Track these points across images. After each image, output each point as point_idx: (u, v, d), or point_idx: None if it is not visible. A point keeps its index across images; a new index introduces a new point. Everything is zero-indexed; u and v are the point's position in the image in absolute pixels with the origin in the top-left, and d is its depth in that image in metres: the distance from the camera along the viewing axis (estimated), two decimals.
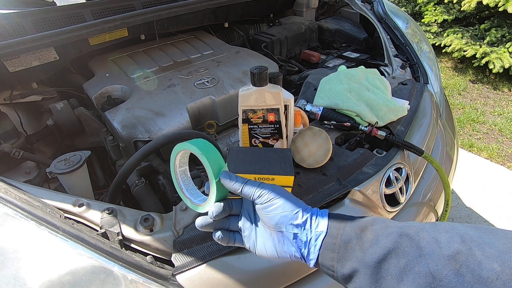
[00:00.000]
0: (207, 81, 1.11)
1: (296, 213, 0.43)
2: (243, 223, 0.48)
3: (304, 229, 0.43)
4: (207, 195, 0.48)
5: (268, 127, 0.72)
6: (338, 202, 0.76)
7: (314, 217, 0.43)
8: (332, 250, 0.41)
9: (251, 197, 0.44)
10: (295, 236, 0.43)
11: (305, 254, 0.43)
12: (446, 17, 3.61)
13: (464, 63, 3.56)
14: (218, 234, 0.48)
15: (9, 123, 1.00)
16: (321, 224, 0.43)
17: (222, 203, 0.46)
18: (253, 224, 0.48)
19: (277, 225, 0.43)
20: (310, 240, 0.42)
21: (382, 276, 0.37)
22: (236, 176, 0.45)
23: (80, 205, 0.64)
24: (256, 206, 0.45)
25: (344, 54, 1.61)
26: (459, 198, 2.00)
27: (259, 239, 0.46)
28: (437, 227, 0.38)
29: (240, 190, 0.44)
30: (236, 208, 0.49)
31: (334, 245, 0.41)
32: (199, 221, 0.48)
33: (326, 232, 0.42)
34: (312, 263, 0.42)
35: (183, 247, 0.61)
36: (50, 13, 1.08)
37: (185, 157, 0.51)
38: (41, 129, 1.12)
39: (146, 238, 0.62)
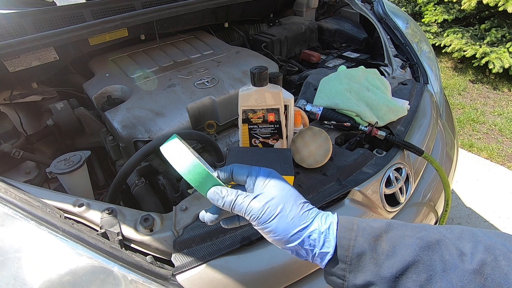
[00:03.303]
0: (207, 81, 1.11)
1: (291, 236, 0.39)
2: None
3: (303, 248, 0.40)
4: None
5: (268, 127, 0.72)
6: (338, 202, 0.76)
7: (317, 235, 0.39)
8: (344, 261, 0.38)
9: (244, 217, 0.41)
10: (294, 252, 0.41)
11: (311, 262, 0.41)
12: (446, 17, 3.61)
13: (464, 63, 3.56)
14: (222, 223, 0.47)
15: (9, 123, 1.00)
16: (327, 243, 0.39)
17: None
18: None
19: (275, 242, 0.41)
20: (314, 255, 0.40)
21: None
22: (223, 194, 0.41)
23: (80, 205, 0.64)
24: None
25: (344, 54, 1.61)
26: (459, 198, 2.00)
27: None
28: (458, 234, 0.36)
29: (231, 211, 0.41)
30: None
31: (345, 258, 0.38)
32: (203, 216, 0.45)
33: (334, 251, 0.39)
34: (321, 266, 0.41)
35: (183, 247, 0.61)
36: (50, 13, 1.08)
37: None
38: (41, 129, 1.12)
39: (146, 238, 0.62)
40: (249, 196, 0.41)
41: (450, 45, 3.38)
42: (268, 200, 0.40)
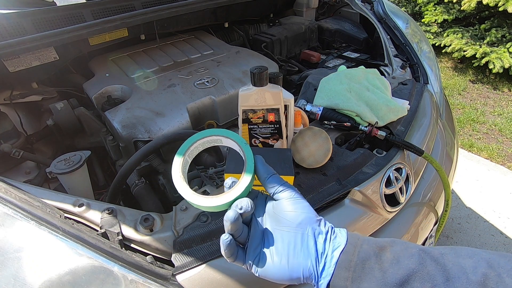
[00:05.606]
0: (207, 81, 1.11)
1: (319, 219, 0.42)
2: (254, 231, 0.43)
3: (325, 239, 0.40)
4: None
5: (268, 127, 0.72)
6: (338, 202, 0.76)
7: (332, 229, 0.42)
8: (347, 268, 0.38)
9: (276, 189, 0.42)
10: (315, 243, 0.40)
11: (320, 269, 0.39)
12: (446, 17, 3.61)
13: (464, 63, 3.56)
14: (230, 239, 0.41)
15: (9, 123, 1.00)
16: (339, 236, 0.41)
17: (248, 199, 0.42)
18: (264, 234, 0.43)
19: (301, 225, 0.40)
20: (327, 252, 0.39)
21: None
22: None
23: (80, 205, 0.64)
24: (276, 203, 0.42)
25: (344, 54, 1.61)
26: (459, 198, 2.00)
27: (268, 251, 0.42)
28: (459, 252, 0.37)
29: (267, 178, 0.42)
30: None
31: (349, 263, 0.38)
32: (230, 214, 0.40)
33: (345, 245, 0.39)
34: (323, 284, 0.39)
35: (183, 247, 0.61)
36: (50, 13, 1.08)
37: (196, 150, 0.48)
38: (41, 129, 1.12)
39: (146, 238, 0.62)
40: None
41: (450, 45, 3.38)
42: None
